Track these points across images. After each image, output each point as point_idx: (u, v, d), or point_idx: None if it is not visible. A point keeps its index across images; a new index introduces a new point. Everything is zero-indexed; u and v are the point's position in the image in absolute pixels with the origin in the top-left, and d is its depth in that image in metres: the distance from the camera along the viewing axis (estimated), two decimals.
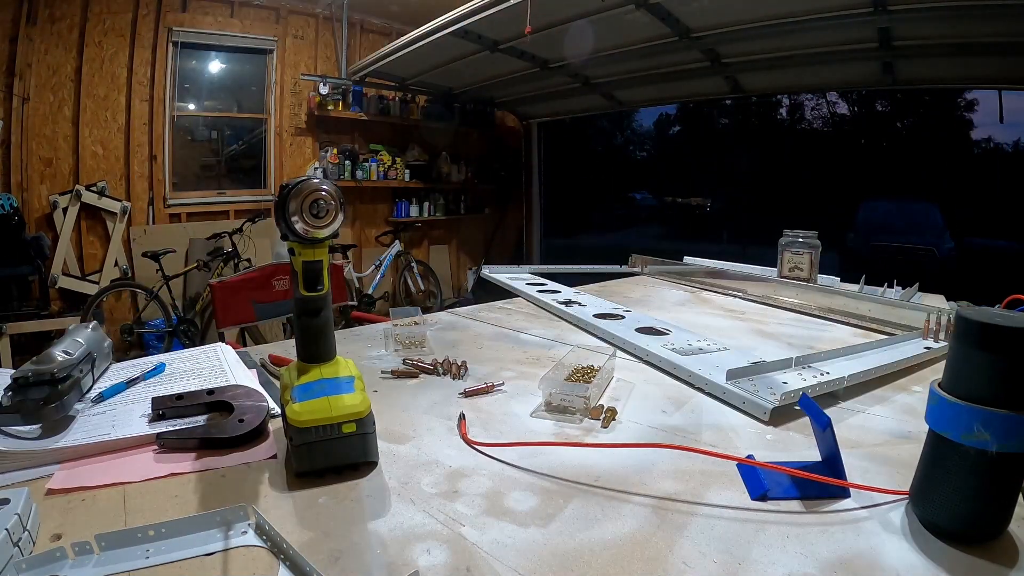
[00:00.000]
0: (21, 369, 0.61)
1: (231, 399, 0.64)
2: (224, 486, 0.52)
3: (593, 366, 0.79)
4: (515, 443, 0.59)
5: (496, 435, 0.63)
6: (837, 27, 2.94)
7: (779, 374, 0.79)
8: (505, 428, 0.66)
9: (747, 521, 0.48)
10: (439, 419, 0.68)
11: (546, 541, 0.45)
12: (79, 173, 3.91)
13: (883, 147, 5.52)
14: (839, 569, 0.42)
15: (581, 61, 4.01)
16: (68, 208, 3.81)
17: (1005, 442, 0.41)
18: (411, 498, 0.50)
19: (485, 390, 0.77)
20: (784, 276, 1.58)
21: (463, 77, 4.80)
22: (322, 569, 0.39)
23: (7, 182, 3.61)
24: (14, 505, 0.42)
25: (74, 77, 3.86)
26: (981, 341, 0.42)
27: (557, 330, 1.12)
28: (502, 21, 3.26)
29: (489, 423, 0.67)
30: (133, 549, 0.42)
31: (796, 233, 1.58)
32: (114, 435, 0.58)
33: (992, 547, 0.44)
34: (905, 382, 0.84)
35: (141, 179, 4.20)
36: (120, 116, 4.08)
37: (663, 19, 3.21)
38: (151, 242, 4.09)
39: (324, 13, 4.98)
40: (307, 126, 5.02)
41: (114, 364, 0.80)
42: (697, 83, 4.30)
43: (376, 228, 5.49)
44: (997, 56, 2.90)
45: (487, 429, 0.65)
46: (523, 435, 0.64)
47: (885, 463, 0.58)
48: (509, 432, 0.65)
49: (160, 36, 4.17)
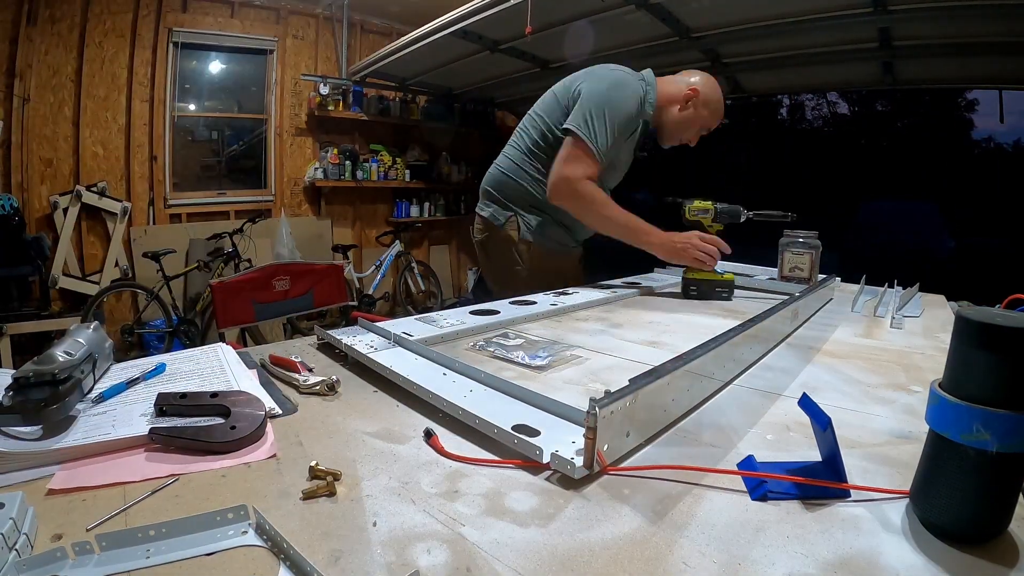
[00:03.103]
0: (22, 369, 0.61)
1: (230, 404, 0.64)
2: (224, 486, 0.52)
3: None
4: (500, 460, 0.59)
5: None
6: (837, 27, 2.94)
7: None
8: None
9: (747, 521, 0.48)
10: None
11: (546, 541, 0.45)
12: (79, 173, 3.92)
13: (883, 147, 5.52)
14: (839, 569, 0.42)
15: (581, 61, 4.00)
16: (68, 208, 3.81)
17: (1005, 442, 0.41)
18: (411, 498, 0.50)
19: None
20: (785, 276, 1.59)
21: (463, 77, 4.80)
22: (322, 569, 0.39)
23: (7, 183, 3.62)
24: (8, 509, 0.41)
25: (74, 77, 3.86)
26: (981, 341, 0.42)
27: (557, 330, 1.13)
28: (502, 21, 3.27)
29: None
30: (133, 549, 0.42)
31: (796, 233, 1.58)
32: (115, 435, 0.58)
33: (992, 547, 0.44)
34: (905, 382, 0.84)
35: (141, 179, 4.21)
36: (120, 116, 4.09)
37: (663, 19, 3.21)
38: (151, 242, 4.10)
39: (324, 13, 4.98)
40: (307, 126, 5.02)
41: (115, 364, 0.80)
42: None
43: (376, 228, 5.49)
44: (997, 56, 2.90)
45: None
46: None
47: (885, 463, 0.58)
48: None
49: (160, 36, 4.18)
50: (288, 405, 0.70)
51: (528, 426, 0.62)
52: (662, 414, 0.65)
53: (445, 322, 1.09)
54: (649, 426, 0.63)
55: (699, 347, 0.75)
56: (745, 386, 0.82)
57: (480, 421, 0.63)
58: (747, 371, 0.89)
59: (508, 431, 0.59)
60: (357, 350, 0.87)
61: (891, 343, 1.07)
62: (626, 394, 0.57)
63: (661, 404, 0.65)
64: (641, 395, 0.59)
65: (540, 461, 0.55)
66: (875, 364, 0.93)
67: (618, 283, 1.62)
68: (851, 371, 0.89)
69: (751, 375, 0.86)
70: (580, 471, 0.53)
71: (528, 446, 0.57)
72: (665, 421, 0.66)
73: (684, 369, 0.68)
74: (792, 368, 0.91)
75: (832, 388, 0.82)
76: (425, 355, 0.86)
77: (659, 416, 0.65)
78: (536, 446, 0.56)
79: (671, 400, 0.67)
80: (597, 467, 0.54)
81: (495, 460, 0.58)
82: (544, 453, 0.55)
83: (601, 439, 0.54)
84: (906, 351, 1.02)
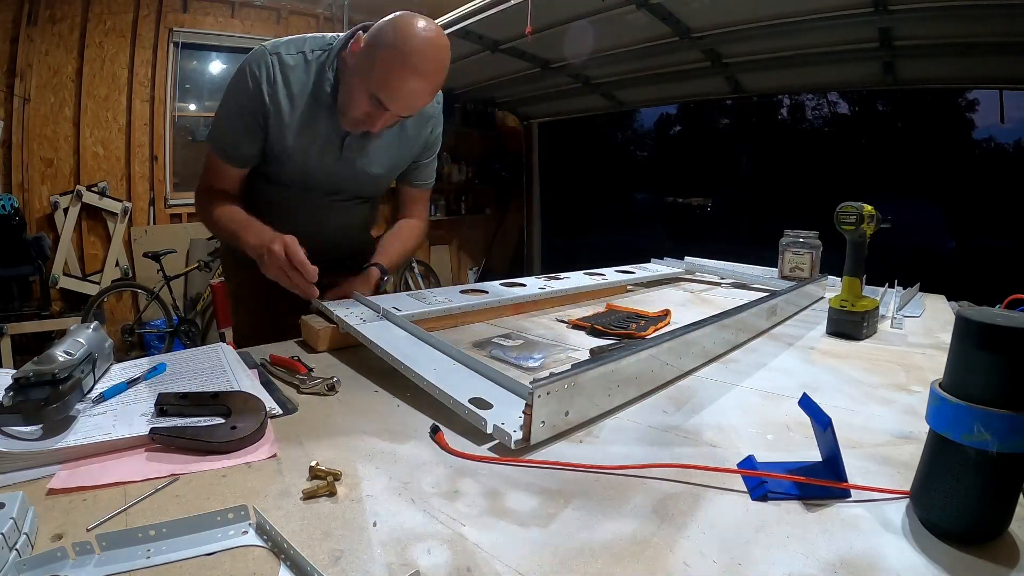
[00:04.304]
0: (22, 369, 0.61)
1: (231, 404, 0.64)
2: (224, 486, 0.52)
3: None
4: (510, 459, 0.59)
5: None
6: (837, 27, 2.94)
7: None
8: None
9: (747, 521, 0.48)
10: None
11: (546, 541, 0.45)
12: (80, 173, 3.92)
13: (883, 147, 5.52)
14: (839, 569, 0.42)
15: (581, 61, 4.01)
16: (69, 208, 3.81)
17: (1006, 442, 0.41)
18: (411, 498, 0.50)
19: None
20: (785, 276, 1.58)
21: (464, 77, 4.80)
22: (322, 569, 0.39)
23: (8, 183, 3.62)
24: (9, 509, 0.41)
25: (75, 77, 3.86)
26: (982, 341, 0.42)
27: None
28: (502, 21, 3.27)
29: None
30: (134, 549, 0.42)
31: (797, 233, 1.58)
32: (115, 435, 0.58)
33: (992, 547, 0.44)
34: (906, 382, 0.84)
35: (142, 179, 4.21)
36: (121, 116, 4.09)
37: (663, 19, 3.21)
38: (152, 242, 4.10)
39: (325, 14, 4.98)
40: None
41: (115, 364, 0.80)
42: (697, 83, 4.29)
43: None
44: (997, 56, 2.90)
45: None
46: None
47: (885, 463, 0.58)
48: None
49: (161, 36, 4.18)
50: (288, 405, 0.70)
51: (483, 399, 0.66)
52: (606, 398, 0.70)
53: (435, 299, 1.14)
54: (591, 407, 0.68)
55: (652, 337, 0.80)
56: (745, 386, 0.82)
57: (440, 392, 0.68)
58: (725, 365, 0.91)
59: (463, 403, 0.65)
60: (347, 321, 0.93)
61: (891, 343, 1.07)
62: (565, 377, 0.62)
63: (605, 388, 0.69)
64: (580, 380, 0.64)
65: (485, 431, 0.61)
66: (875, 364, 0.93)
67: (610, 271, 1.62)
68: (851, 371, 0.89)
69: (751, 375, 0.86)
70: (519, 443, 0.59)
71: (477, 417, 0.62)
72: (611, 404, 0.71)
73: (633, 357, 0.72)
74: (792, 368, 0.91)
75: (832, 388, 0.82)
76: (408, 329, 0.92)
77: (602, 399, 0.69)
78: (482, 417, 0.62)
79: (616, 385, 0.71)
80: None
81: (498, 458, 0.58)
82: (488, 424, 0.61)
83: (538, 415, 0.60)
84: (906, 351, 1.01)
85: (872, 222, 1.08)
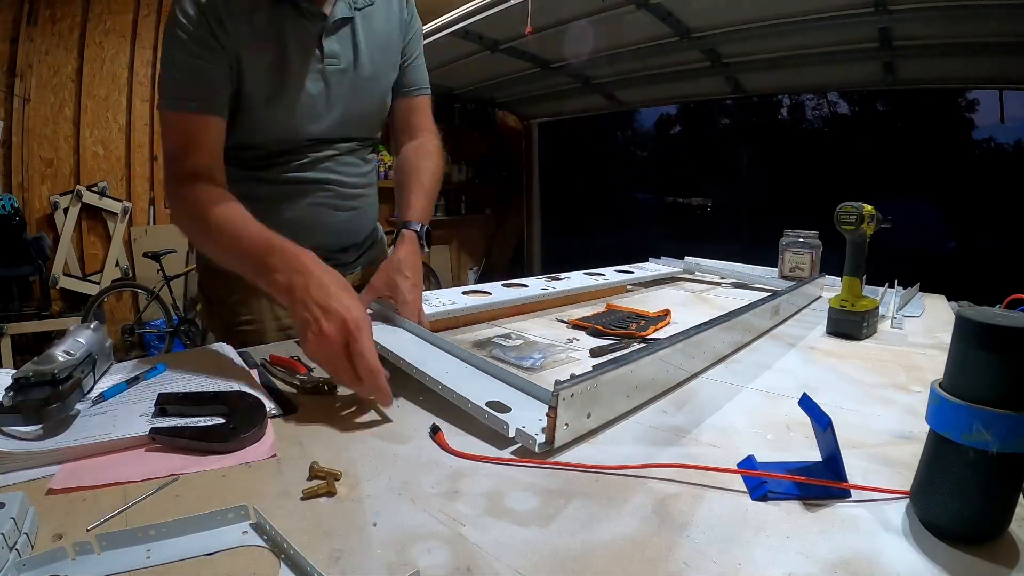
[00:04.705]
0: (22, 369, 0.61)
1: (231, 405, 0.64)
2: (224, 486, 0.52)
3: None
4: (510, 459, 0.59)
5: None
6: (837, 27, 2.95)
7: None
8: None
9: (747, 521, 0.48)
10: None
11: (547, 541, 0.45)
12: (80, 173, 3.92)
13: (884, 147, 5.52)
14: (839, 569, 0.42)
15: (581, 61, 4.01)
16: (69, 208, 3.81)
17: (1006, 442, 0.41)
18: (411, 498, 0.50)
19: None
20: (785, 276, 1.58)
21: (463, 77, 4.80)
22: (322, 569, 0.39)
23: (8, 183, 3.62)
24: (9, 509, 0.41)
25: (75, 77, 3.86)
26: (982, 341, 0.42)
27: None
28: (502, 21, 3.27)
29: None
30: (134, 549, 0.42)
31: (797, 233, 1.58)
32: (115, 435, 0.58)
33: (992, 547, 0.44)
34: (906, 382, 0.84)
35: (142, 179, 4.21)
36: (121, 116, 4.09)
37: (663, 19, 3.21)
38: (152, 242, 4.10)
39: None
40: None
41: (115, 364, 0.80)
42: (698, 83, 4.30)
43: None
44: (997, 56, 2.90)
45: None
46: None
47: (885, 463, 0.58)
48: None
49: (161, 37, 4.18)
50: (288, 405, 0.70)
51: (501, 403, 0.65)
52: (624, 400, 0.69)
53: (438, 301, 1.14)
54: (610, 410, 0.67)
55: (668, 338, 0.79)
56: (746, 386, 0.82)
57: (457, 396, 0.66)
58: (725, 365, 0.91)
59: (481, 406, 0.63)
60: None
61: (891, 343, 1.07)
62: (588, 378, 0.61)
63: (624, 391, 0.68)
64: (602, 381, 0.63)
65: (507, 435, 0.60)
66: (875, 364, 0.93)
67: (610, 270, 1.62)
68: (851, 371, 0.89)
69: (751, 375, 0.86)
70: (543, 446, 0.58)
71: (497, 421, 0.61)
72: (628, 406, 0.70)
73: (650, 358, 0.71)
74: (792, 368, 0.91)
75: (832, 388, 0.82)
76: (413, 331, 0.90)
77: (621, 402, 0.68)
78: (504, 421, 0.60)
79: (635, 387, 0.70)
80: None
81: (498, 458, 0.58)
82: (510, 428, 0.60)
83: (562, 418, 0.58)
84: (906, 351, 1.01)
85: (872, 222, 1.08)
